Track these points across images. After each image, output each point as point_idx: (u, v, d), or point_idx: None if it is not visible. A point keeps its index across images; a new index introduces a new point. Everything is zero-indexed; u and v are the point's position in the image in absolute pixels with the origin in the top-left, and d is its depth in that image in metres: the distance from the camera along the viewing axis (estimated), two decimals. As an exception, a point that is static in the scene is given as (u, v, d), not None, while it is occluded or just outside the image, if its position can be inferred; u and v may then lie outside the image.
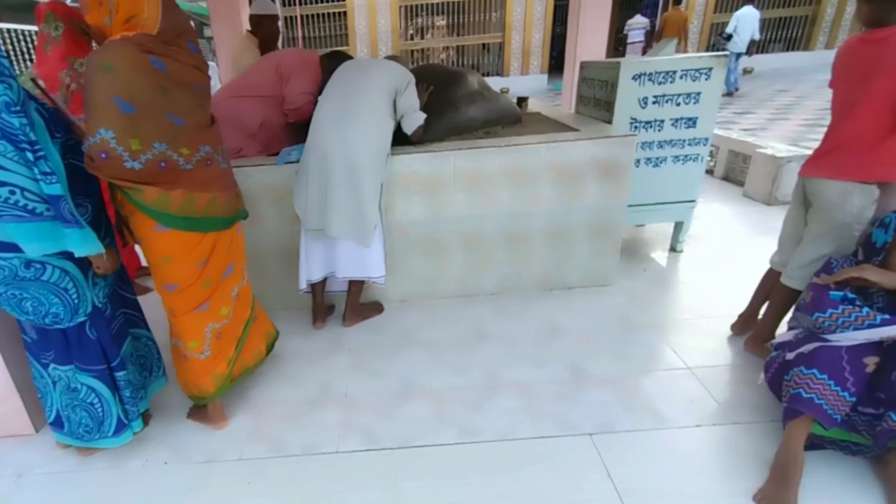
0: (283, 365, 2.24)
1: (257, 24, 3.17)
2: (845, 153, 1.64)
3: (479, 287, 2.69)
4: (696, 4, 13.66)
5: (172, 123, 1.47)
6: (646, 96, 2.74)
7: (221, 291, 1.74)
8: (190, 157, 1.53)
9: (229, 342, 1.83)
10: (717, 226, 3.52)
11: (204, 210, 1.59)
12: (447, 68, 2.84)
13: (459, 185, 2.45)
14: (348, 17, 13.70)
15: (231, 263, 1.75)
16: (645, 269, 2.93)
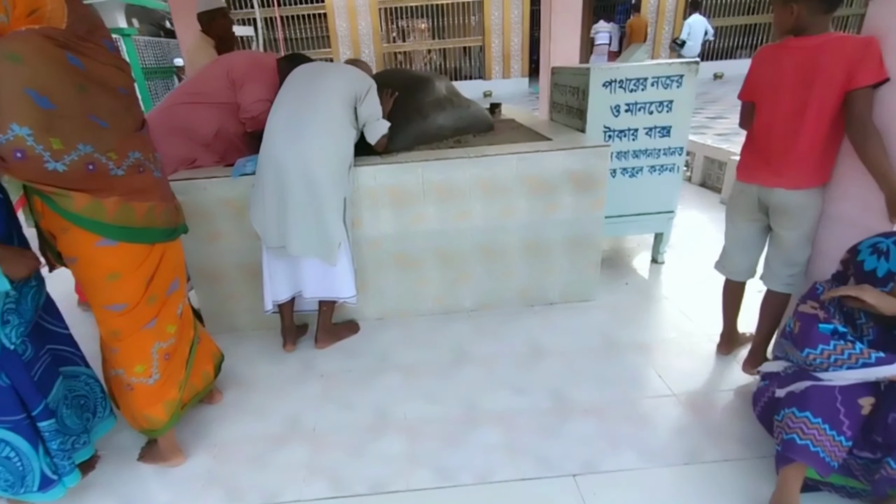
0: (250, 394, 2.06)
1: (208, 22, 2.91)
2: (802, 163, 1.65)
3: (457, 304, 2.54)
4: (666, 11, 13.71)
5: (96, 125, 1.33)
6: (618, 104, 2.61)
7: (168, 308, 1.61)
8: (120, 161, 1.39)
9: (178, 365, 1.69)
10: (697, 234, 3.43)
11: (143, 220, 1.46)
12: (412, 73, 2.66)
13: (430, 197, 2.28)
14: (328, 19, 13.39)
15: (176, 278, 1.63)
16: (627, 282, 2.80)
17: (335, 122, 2.01)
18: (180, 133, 2.25)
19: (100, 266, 1.42)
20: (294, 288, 2.19)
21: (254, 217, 2.05)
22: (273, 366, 2.22)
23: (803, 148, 1.63)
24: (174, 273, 1.62)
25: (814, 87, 1.54)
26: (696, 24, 8.96)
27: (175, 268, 1.62)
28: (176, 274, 1.63)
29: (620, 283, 2.81)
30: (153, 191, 1.49)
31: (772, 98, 1.68)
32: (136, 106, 1.49)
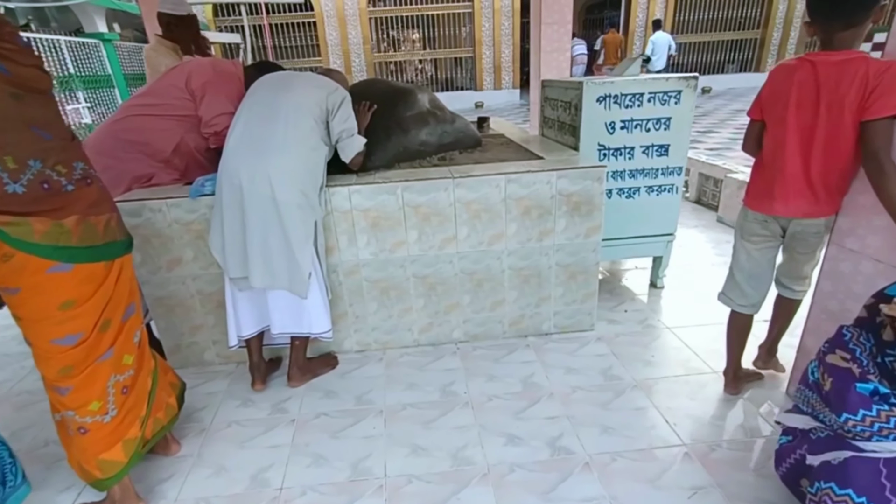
0: (211, 443, 1.82)
1: (167, 26, 2.63)
2: (812, 191, 1.53)
3: (445, 335, 2.33)
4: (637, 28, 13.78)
5: (40, 137, 1.20)
6: (613, 121, 2.44)
7: (125, 336, 1.43)
8: (69, 175, 1.26)
9: (139, 399, 1.50)
10: (695, 256, 3.26)
11: (105, 235, 1.33)
12: (393, 84, 2.47)
13: (411, 221, 2.08)
14: (318, 28, 13.25)
15: (132, 302, 1.46)
16: (626, 309, 2.62)
17: (303, 137, 1.80)
18: (134, 147, 2.02)
19: (52, 295, 1.25)
20: (261, 322, 1.97)
21: (213, 243, 1.83)
22: (239, 408, 1.98)
23: (813, 174, 1.49)
24: (131, 296, 1.45)
25: (820, 106, 1.42)
26: (659, 40, 9.56)
27: (131, 289, 1.45)
28: (132, 297, 1.46)
29: (619, 310, 2.62)
30: (105, 201, 1.36)
31: (780, 116, 1.54)
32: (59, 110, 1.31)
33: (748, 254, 1.75)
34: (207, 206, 1.94)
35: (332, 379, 2.13)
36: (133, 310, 1.45)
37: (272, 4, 11.99)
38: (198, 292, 2.10)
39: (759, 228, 1.69)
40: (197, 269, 2.06)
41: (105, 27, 9.28)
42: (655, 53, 9.48)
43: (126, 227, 1.46)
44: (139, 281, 2.04)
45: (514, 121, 10.54)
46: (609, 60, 10.85)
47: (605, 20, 17.44)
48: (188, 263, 2.05)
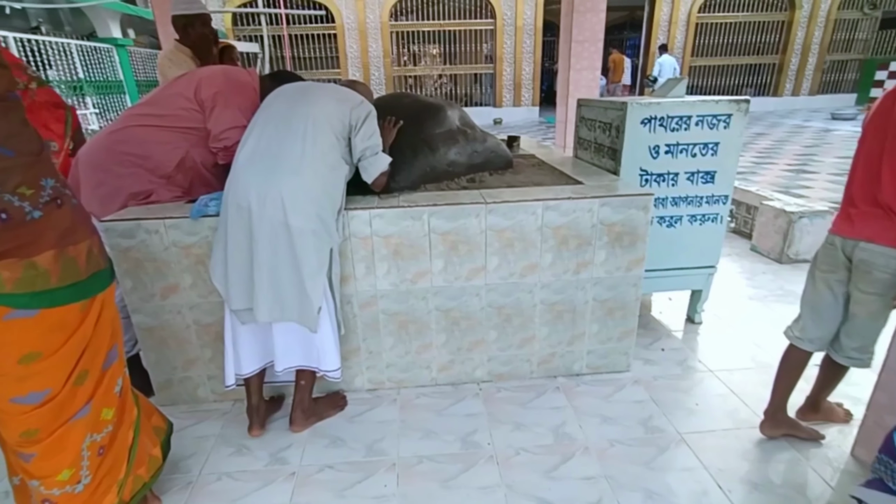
0: (197, 501, 1.58)
1: (183, 28, 2.48)
2: (882, 214, 1.42)
3: (467, 374, 2.10)
4: (675, 48, 13.65)
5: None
6: (657, 144, 2.23)
7: (105, 386, 1.21)
8: (35, 198, 1.02)
9: (118, 458, 1.28)
10: (730, 288, 3.02)
11: (87, 266, 1.11)
12: (421, 99, 2.27)
13: (437, 249, 1.87)
14: (338, 40, 13.25)
15: (115, 344, 1.24)
16: (662, 348, 2.37)
17: (322, 155, 1.60)
18: (132, 161, 1.82)
19: (9, 346, 1.02)
20: (263, 358, 1.75)
21: (214, 271, 1.62)
22: (233, 457, 1.74)
23: (884, 197, 1.40)
24: (113, 337, 1.23)
25: (888, 131, 1.37)
26: (666, 62, 10.16)
27: (114, 330, 1.23)
28: (115, 338, 1.24)
29: (655, 348, 2.37)
30: (82, 225, 1.13)
31: (863, 136, 1.48)
32: (26, 116, 1.07)
33: (814, 282, 1.63)
34: (210, 227, 1.74)
35: (340, 423, 1.90)
36: (115, 354, 1.23)
37: (292, 15, 12.02)
38: (194, 322, 1.89)
39: (825, 254, 1.58)
40: (195, 298, 1.84)
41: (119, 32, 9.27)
42: (662, 75, 9.92)
43: (109, 251, 1.26)
44: (128, 309, 1.84)
45: (535, 138, 10.38)
46: (615, 78, 11.44)
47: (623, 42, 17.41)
48: (185, 291, 1.84)
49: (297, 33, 13.17)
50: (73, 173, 1.84)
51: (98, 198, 1.82)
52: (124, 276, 1.80)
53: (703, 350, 2.35)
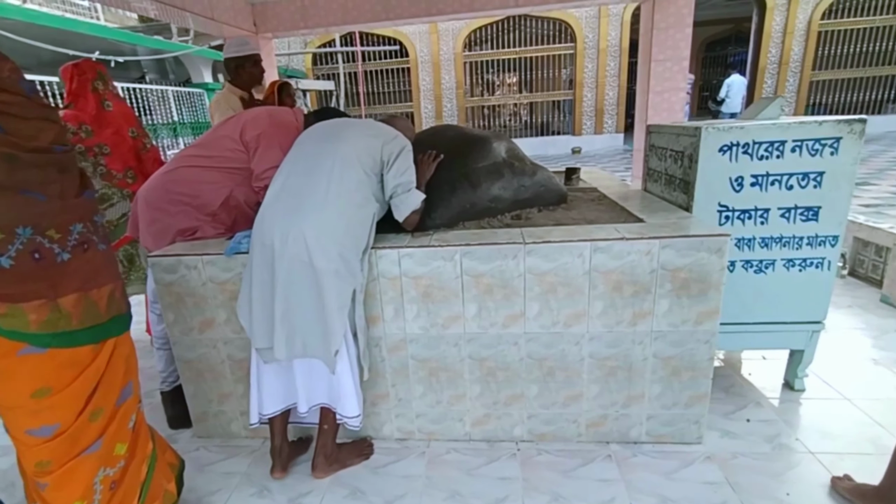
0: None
1: (235, 70, 2.78)
2: None
3: (504, 431, 2.01)
4: (791, 61, 12.75)
5: (32, 200, 1.11)
6: (741, 175, 2.05)
7: (119, 422, 1.31)
8: (64, 241, 1.15)
9: (129, 493, 1.36)
10: (848, 348, 2.63)
11: (108, 310, 1.23)
12: (465, 131, 2.29)
13: (470, 292, 1.84)
14: (412, 73, 13.97)
15: (130, 381, 1.34)
16: (748, 418, 2.10)
17: (348, 192, 1.66)
18: (182, 200, 2.02)
19: (22, 381, 1.14)
20: (286, 399, 1.79)
21: (240, 309, 1.72)
22: (254, 498, 1.80)
23: None
24: (127, 374, 1.32)
25: None
26: (735, 82, 9.86)
27: (128, 367, 1.33)
28: (129, 375, 1.34)
29: (738, 417, 2.10)
30: (106, 268, 1.26)
31: None
32: (74, 166, 1.23)
33: None
34: (243, 264, 1.85)
35: (363, 473, 1.88)
36: (130, 391, 1.33)
37: (368, 52, 12.91)
38: (228, 357, 2.00)
39: None
40: (229, 333, 1.96)
41: (210, 77, 10.54)
42: (731, 96, 9.74)
43: (154, 284, 1.39)
44: (172, 340, 2.00)
45: (616, 168, 10.08)
46: None
47: (727, 58, 16.62)
48: (220, 326, 1.96)
49: (372, 69, 14.10)
50: (134, 210, 2.09)
51: (152, 234, 2.04)
52: (167, 309, 1.97)
53: (803, 425, 2.05)
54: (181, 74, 10.84)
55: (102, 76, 2.53)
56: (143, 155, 2.63)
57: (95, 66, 2.53)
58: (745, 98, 10.60)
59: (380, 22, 4.67)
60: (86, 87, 2.47)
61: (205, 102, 10.12)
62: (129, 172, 2.59)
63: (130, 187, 2.56)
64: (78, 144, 2.43)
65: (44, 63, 7.91)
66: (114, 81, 2.65)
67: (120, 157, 2.55)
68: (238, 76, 2.83)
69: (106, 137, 2.50)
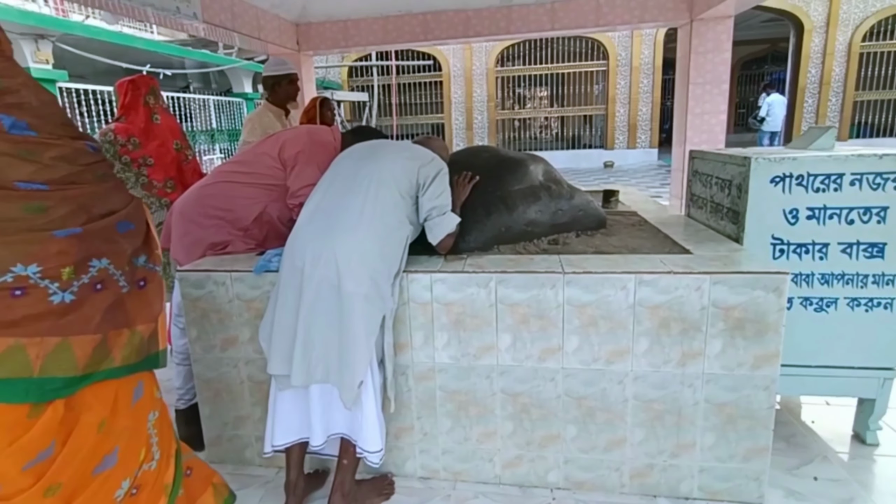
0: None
1: (272, 88, 2.90)
2: None
3: (538, 475, 1.86)
4: (833, 81, 12.33)
5: None
6: (795, 208, 1.90)
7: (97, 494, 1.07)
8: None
9: None
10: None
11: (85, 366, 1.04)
12: (501, 153, 2.21)
13: (504, 322, 1.72)
14: (444, 86, 14.05)
15: (116, 447, 1.10)
16: (816, 476, 1.89)
17: (383, 214, 1.59)
18: (216, 214, 2.01)
19: None
20: (299, 432, 1.68)
21: (262, 330, 1.65)
22: (266, 535, 1.70)
23: None
24: (115, 439, 1.09)
25: None
26: (775, 102, 9.70)
27: (122, 430, 1.10)
28: (117, 441, 1.10)
29: (804, 474, 1.89)
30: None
31: None
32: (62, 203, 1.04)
33: None
34: (272, 283, 1.78)
35: (384, 514, 1.77)
36: (113, 460, 1.08)
37: (402, 66, 13.06)
38: (248, 378, 1.93)
39: None
40: (251, 353, 1.89)
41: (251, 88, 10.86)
42: (770, 115, 9.57)
43: (181, 299, 1.29)
44: (193, 357, 1.93)
45: (650, 184, 9.86)
46: None
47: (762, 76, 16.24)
48: (243, 345, 1.89)
49: (405, 82, 14.23)
50: (168, 221, 2.09)
51: (184, 245, 2.03)
52: (191, 324, 1.92)
53: (878, 485, 1.83)
54: (223, 84, 11.20)
55: (154, 91, 2.60)
56: (184, 166, 2.67)
57: (149, 81, 2.60)
58: (785, 117, 10.38)
59: (418, 42, 4.69)
60: (138, 101, 2.54)
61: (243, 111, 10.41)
62: (169, 182, 2.62)
63: (169, 196, 2.58)
64: (124, 156, 2.49)
65: (99, 73, 8.27)
66: (161, 92, 2.71)
67: (162, 167, 2.59)
68: (274, 93, 2.94)
69: (151, 150, 2.55)
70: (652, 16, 4.15)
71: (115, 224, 1.09)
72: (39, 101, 1.02)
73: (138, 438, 1.15)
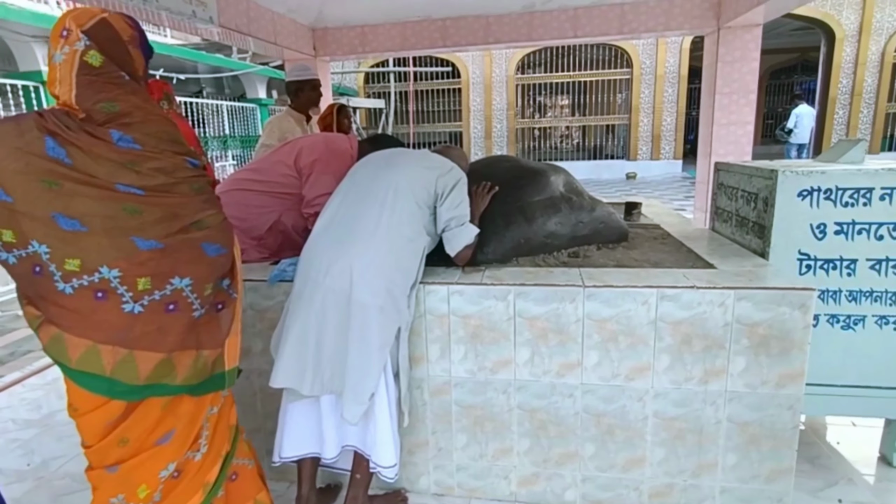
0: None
1: (294, 93, 3.01)
2: None
3: (555, 494, 1.87)
4: (864, 92, 12.18)
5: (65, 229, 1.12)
6: (823, 222, 1.91)
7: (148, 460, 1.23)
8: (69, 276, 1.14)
9: None
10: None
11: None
12: (521, 163, 2.25)
13: (523, 336, 1.75)
14: (462, 94, 14.17)
15: (173, 429, 1.25)
16: (840, 499, 1.88)
17: (400, 224, 1.62)
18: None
19: None
20: (310, 447, 1.71)
21: (273, 339, 1.69)
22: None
23: None
24: (175, 420, 1.24)
25: None
26: (803, 113, 9.74)
27: (183, 413, 1.24)
28: (177, 422, 1.24)
29: (829, 496, 1.88)
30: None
31: None
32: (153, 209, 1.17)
33: None
34: (286, 293, 1.83)
35: (398, 531, 1.79)
36: (167, 439, 1.24)
37: (420, 73, 13.23)
38: (260, 390, 1.97)
39: None
40: (264, 364, 1.92)
41: (265, 94, 11.06)
42: (799, 126, 9.69)
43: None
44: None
45: (674, 196, 9.80)
46: None
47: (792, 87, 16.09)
48: (255, 356, 1.94)
49: (423, 89, 14.38)
50: None
51: None
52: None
53: (902, 509, 1.83)
54: (237, 90, 11.43)
55: (168, 96, 2.68)
56: None
57: (163, 86, 2.68)
58: (813, 129, 10.37)
59: (437, 49, 4.76)
60: None
61: (257, 117, 10.59)
62: None
63: None
64: None
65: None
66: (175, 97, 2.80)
67: None
68: (297, 98, 3.04)
69: None
70: (678, 23, 4.17)
71: (203, 244, 1.21)
72: (147, 120, 1.16)
73: (193, 426, 1.26)
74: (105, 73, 1.13)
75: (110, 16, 1.16)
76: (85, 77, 1.11)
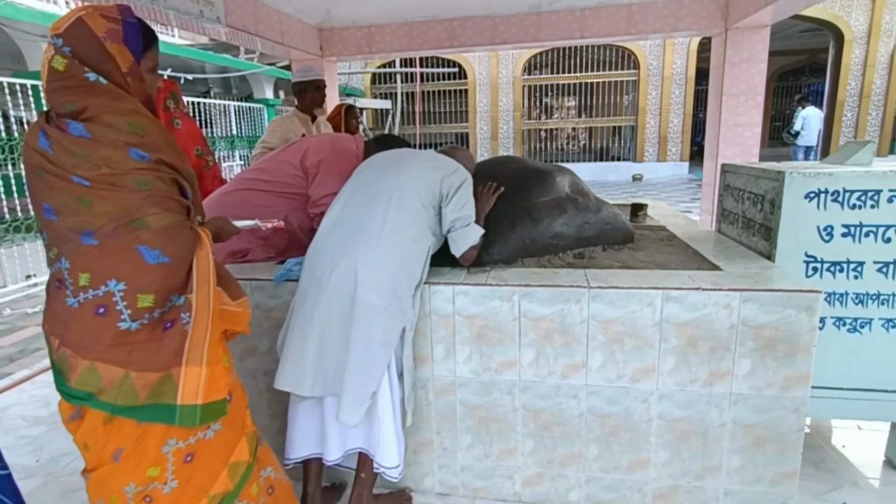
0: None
1: (299, 93, 3.05)
2: None
3: (559, 495, 1.88)
4: (873, 94, 12.11)
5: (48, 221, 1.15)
6: (830, 225, 1.91)
7: None
8: (52, 263, 1.21)
9: None
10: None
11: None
12: (527, 164, 2.26)
13: (528, 336, 1.76)
14: (469, 95, 14.18)
15: (121, 448, 1.18)
16: (845, 501, 1.88)
17: (405, 225, 1.63)
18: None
19: None
20: (314, 447, 1.73)
21: (280, 339, 1.71)
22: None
23: None
24: (122, 440, 1.18)
25: None
26: (810, 116, 9.63)
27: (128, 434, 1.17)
28: (124, 442, 1.17)
29: (834, 500, 1.88)
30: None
31: None
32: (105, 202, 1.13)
33: None
34: (292, 292, 1.84)
35: (403, 529, 1.80)
36: (118, 458, 1.17)
37: (427, 73, 13.26)
38: (267, 389, 1.98)
39: None
40: (269, 364, 1.95)
41: (272, 94, 11.14)
42: (806, 129, 9.58)
43: None
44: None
45: (680, 198, 9.77)
46: None
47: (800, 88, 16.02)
48: (261, 355, 1.96)
49: (429, 90, 14.41)
50: None
51: None
52: (213, 332, 1.99)
53: (907, 513, 1.83)
54: (244, 90, 11.51)
55: (175, 95, 2.70)
56: (205, 172, 2.76)
57: (170, 85, 2.70)
58: (821, 132, 10.28)
59: (443, 49, 4.77)
60: (158, 106, 2.63)
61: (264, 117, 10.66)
62: None
63: None
64: None
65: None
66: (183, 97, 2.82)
67: None
68: (302, 98, 3.08)
69: None
70: (685, 24, 4.16)
71: (139, 247, 1.11)
72: (105, 112, 1.13)
73: (143, 452, 1.17)
74: (70, 76, 1.11)
75: (88, 13, 1.12)
76: (52, 83, 1.12)
